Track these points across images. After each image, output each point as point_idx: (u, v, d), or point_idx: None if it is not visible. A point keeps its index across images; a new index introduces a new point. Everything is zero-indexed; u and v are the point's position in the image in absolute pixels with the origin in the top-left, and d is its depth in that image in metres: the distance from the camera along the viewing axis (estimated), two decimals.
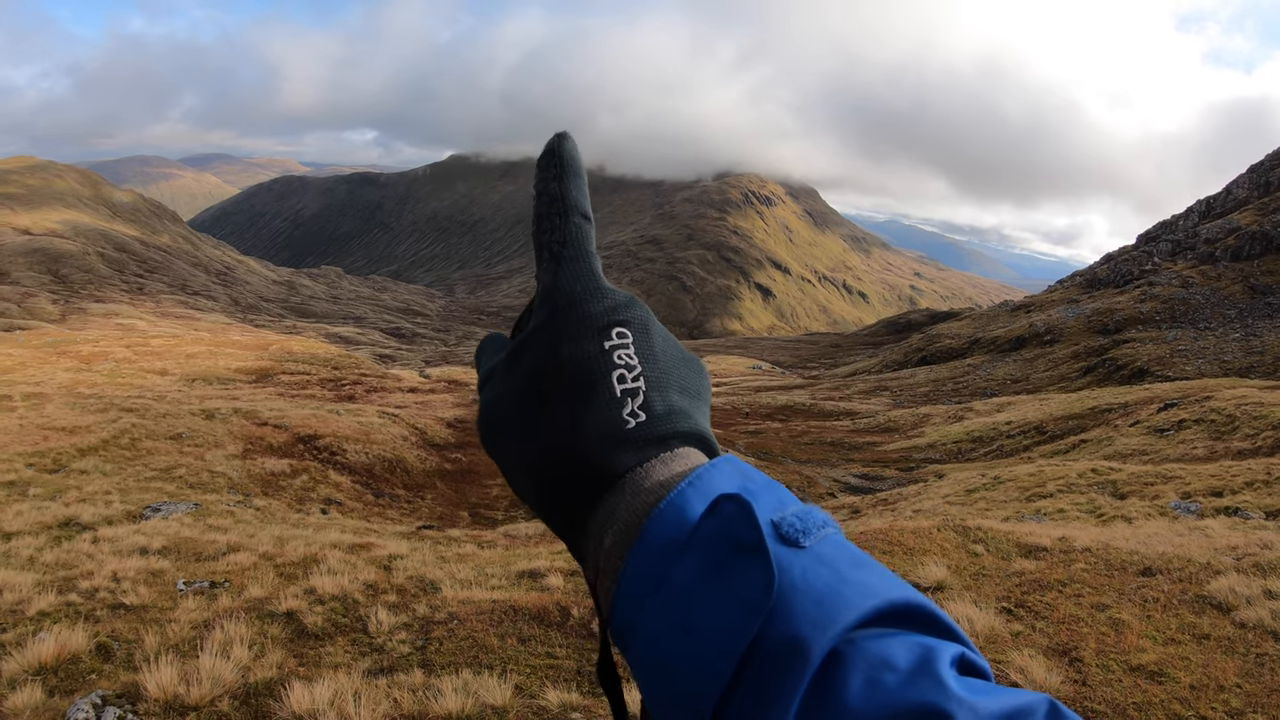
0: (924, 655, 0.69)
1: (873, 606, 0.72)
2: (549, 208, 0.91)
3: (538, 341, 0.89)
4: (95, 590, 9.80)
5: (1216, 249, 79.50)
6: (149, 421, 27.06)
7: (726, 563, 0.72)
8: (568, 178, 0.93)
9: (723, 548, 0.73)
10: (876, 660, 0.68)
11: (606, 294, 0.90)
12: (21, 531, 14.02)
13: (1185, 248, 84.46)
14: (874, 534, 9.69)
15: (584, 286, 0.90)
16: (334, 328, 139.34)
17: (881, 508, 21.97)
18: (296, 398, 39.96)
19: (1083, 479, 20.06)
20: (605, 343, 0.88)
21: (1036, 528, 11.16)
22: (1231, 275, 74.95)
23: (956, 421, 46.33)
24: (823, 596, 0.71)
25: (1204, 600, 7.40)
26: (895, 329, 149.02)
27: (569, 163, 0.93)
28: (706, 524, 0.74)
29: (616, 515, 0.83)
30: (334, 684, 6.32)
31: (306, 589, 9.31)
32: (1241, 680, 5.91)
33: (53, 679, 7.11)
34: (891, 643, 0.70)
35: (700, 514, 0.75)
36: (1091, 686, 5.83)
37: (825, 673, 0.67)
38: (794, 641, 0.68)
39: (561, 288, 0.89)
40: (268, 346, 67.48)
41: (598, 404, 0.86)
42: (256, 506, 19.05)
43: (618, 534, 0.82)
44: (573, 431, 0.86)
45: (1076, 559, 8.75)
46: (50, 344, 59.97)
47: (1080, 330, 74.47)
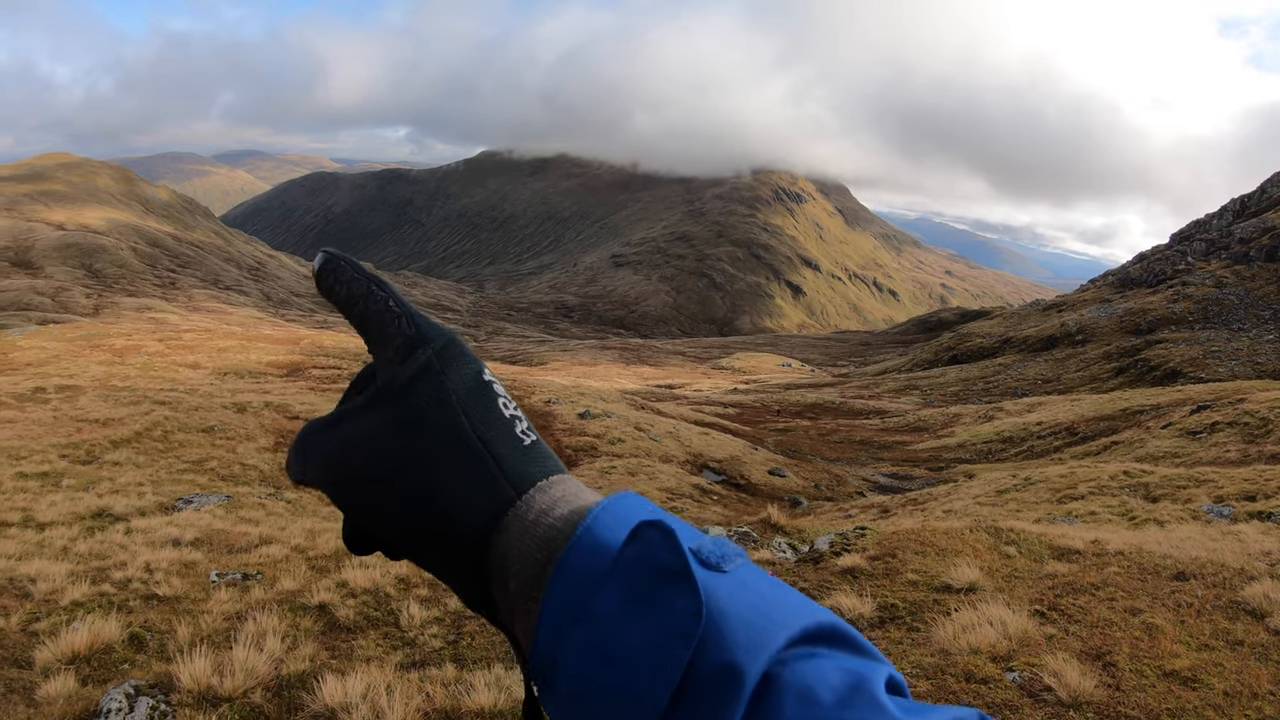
0: (857, 678, 0.69)
1: (801, 627, 0.72)
2: (365, 289, 0.88)
3: (420, 378, 0.86)
4: (128, 581, 9.89)
5: (1251, 249, 78.60)
6: (181, 414, 27.26)
7: (653, 590, 0.71)
8: (359, 267, 0.91)
9: (647, 575, 0.71)
10: (810, 683, 0.68)
11: (449, 336, 0.89)
12: (55, 522, 14.16)
13: (1219, 247, 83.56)
14: (905, 534, 9.65)
15: (444, 331, 0.89)
16: None
17: (911, 508, 21.87)
18: (328, 392, 40.13)
19: (1114, 481, 19.89)
20: (484, 374, 0.88)
21: (1069, 530, 11.08)
22: (1266, 275, 74.11)
23: (987, 421, 46.09)
24: (750, 620, 0.71)
25: (1238, 606, 7.32)
26: (926, 327, 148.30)
27: (351, 263, 0.92)
28: (629, 551, 0.73)
29: (510, 553, 0.81)
30: (366, 677, 6.35)
31: (338, 582, 9.37)
32: (1275, 688, 5.84)
33: (86, 668, 7.17)
34: (823, 665, 0.70)
35: (621, 542, 0.74)
36: (1125, 692, 5.78)
37: (760, 697, 0.67)
38: (727, 667, 0.67)
39: (429, 335, 0.87)
40: (299, 341, 67.86)
41: (496, 425, 0.85)
42: (288, 499, 19.16)
43: (522, 569, 0.79)
44: (468, 458, 0.84)
45: (1110, 562, 8.67)
46: (83, 337, 60.50)
47: (1112, 330, 73.85)
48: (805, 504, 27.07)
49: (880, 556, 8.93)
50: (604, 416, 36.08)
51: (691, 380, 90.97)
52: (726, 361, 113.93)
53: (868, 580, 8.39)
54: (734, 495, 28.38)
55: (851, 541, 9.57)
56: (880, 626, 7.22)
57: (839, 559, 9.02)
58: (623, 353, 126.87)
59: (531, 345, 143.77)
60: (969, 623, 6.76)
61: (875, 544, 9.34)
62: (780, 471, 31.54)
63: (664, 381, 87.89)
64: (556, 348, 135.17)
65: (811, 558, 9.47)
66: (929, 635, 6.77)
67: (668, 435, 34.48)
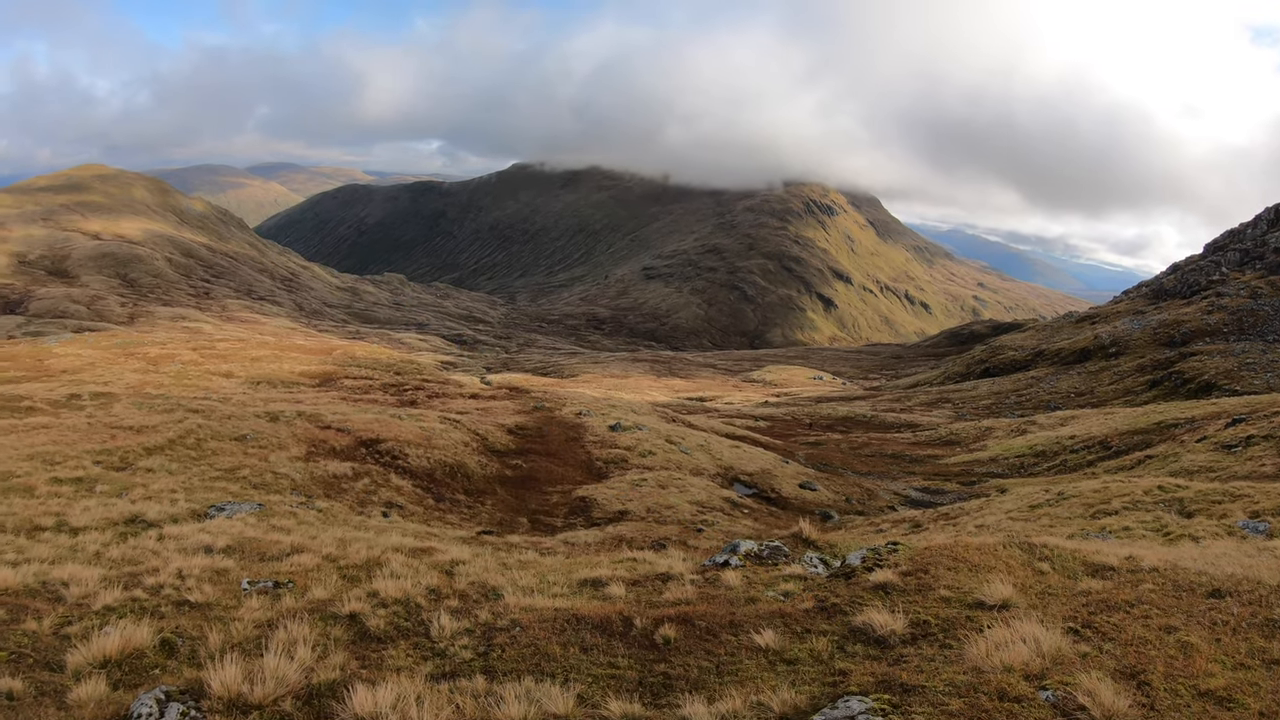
0: None
1: None
2: None
3: None
4: (160, 586, 9.95)
5: None
6: (214, 422, 27.47)
7: None
8: None
9: None
10: None
11: None
12: (88, 527, 14.28)
13: (1254, 257, 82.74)
14: (938, 550, 9.56)
15: None
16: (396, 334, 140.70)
17: (943, 522, 21.73)
18: (359, 402, 40.38)
19: (1149, 496, 19.69)
20: None
21: (1103, 546, 10.96)
22: None
23: (1019, 435, 45.78)
24: None
25: (1274, 624, 7.19)
26: (958, 340, 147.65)
27: None
28: None
29: None
30: (397, 687, 6.36)
31: (369, 592, 9.38)
32: None
33: (117, 673, 7.22)
34: None
35: None
36: (1160, 711, 5.70)
37: None
38: None
39: None
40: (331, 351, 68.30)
41: None
42: (319, 508, 19.24)
43: None
44: None
45: (1144, 579, 8.56)
46: (118, 345, 61.13)
47: (1146, 342, 73.18)
48: (836, 518, 26.97)
49: (912, 572, 8.86)
50: (635, 429, 36.08)
51: (722, 393, 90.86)
52: (758, 374, 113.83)
53: (900, 596, 8.33)
54: (765, 509, 28.30)
55: (884, 557, 9.51)
56: (912, 643, 7.16)
57: (871, 574, 8.96)
58: (654, 365, 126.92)
59: (562, 357, 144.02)
60: (1002, 640, 6.69)
61: (907, 559, 9.27)
62: (811, 485, 31.44)
63: (695, 394, 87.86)
64: (587, 360, 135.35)
65: (843, 573, 9.41)
66: (961, 652, 6.71)
67: (699, 448, 34.43)
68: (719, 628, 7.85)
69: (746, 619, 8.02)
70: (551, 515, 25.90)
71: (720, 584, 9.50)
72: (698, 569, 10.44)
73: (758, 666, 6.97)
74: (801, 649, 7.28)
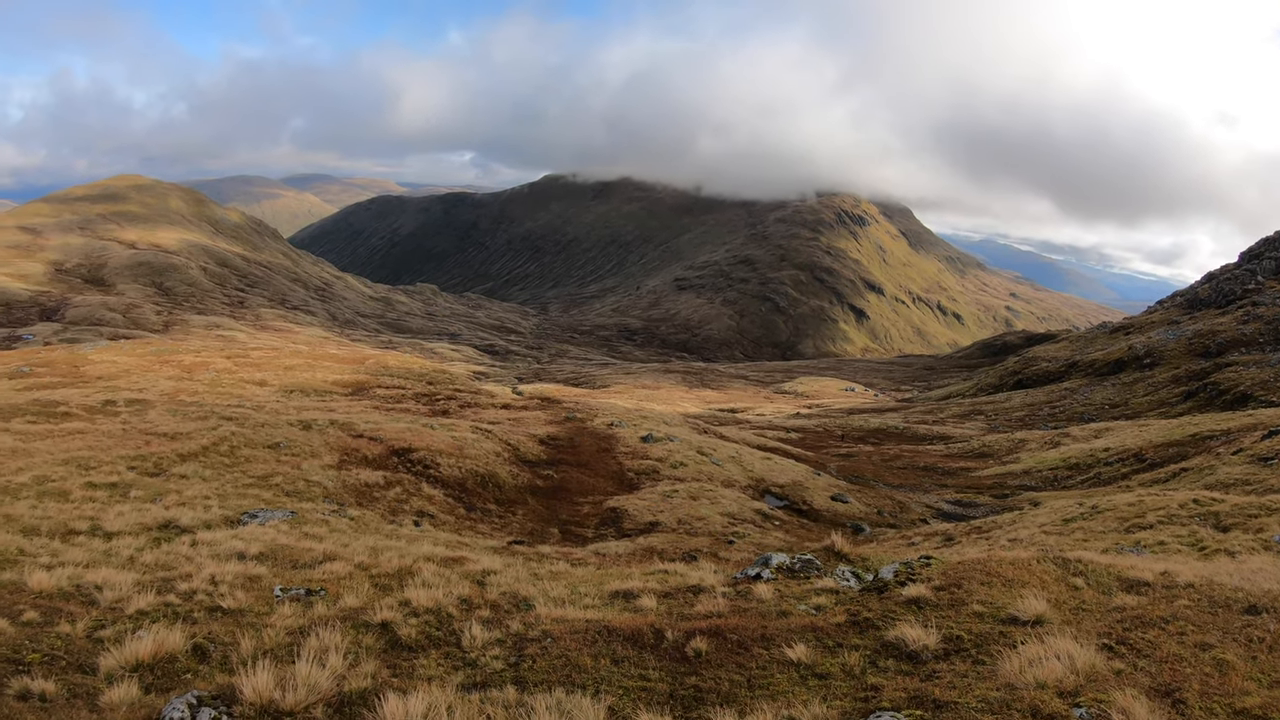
0: None
1: None
2: None
3: None
4: (193, 592, 10.02)
5: None
6: (248, 430, 27.64)
7: None
8: None
9: None
10: None
11: None
12: (122, 532, 14.39)
13: None
14: (970, 564, 9.49)
15: None
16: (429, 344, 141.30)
17: (976, 536, 21.57)
18: (391, 411, 40.50)
19: (1184, 510, 19.46)
20: None
21: (1137, 561, 10.84)
22: None
23: (1053, 447, 45.40)
24: None
25: None
26: (990, 351, 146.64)
27: None
28: None
29: None
30: (428, 696, 6.36)
31: (401, 600, 9.41)
32: None
33: (149, 676, 7.27)
34: None
35: None
36: None
37: None
38: None
39: None
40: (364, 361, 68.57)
41: None
42: (351, 516, 19.32)
43: None
44: None
45: (1179, 595, 8.47)
46: (153, 353, 61.62)
47: (1180, 353, 72.34)
48: (868, 531, 26.83)
49: (945, 587, 8.79)
50: (666, 440, 36.04)
51: (754, 404, 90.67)
52: (789, 386, 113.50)
53: (933, 611, 8.27)
54: (796, 521, 28.19)
55: (916, 571, 9.45)
56: (945, 659, 7.11)
57: (904, 589, 8.90)
58: (685, 376, 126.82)
59: (594, 368, 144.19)
60: (1035, 656, 6.63)
61: (940, 574, 9.20)
62: (843, 497, 31.28)
63: (726, 405, 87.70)
64: (619, 370, 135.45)
65: (875, 587, 9.36)
66: (995, 669, 6.65)
67: (730, 460, 34.35)
68: (750, 641, 7.82)
69: (778, 632, 7.99)
70: (582, 526, 25.90)
71: (752, 597, 9.47)
72: (729, 581, 10.40)
73: (789, 680, 6.93)
74: (833, 663, 7.24)
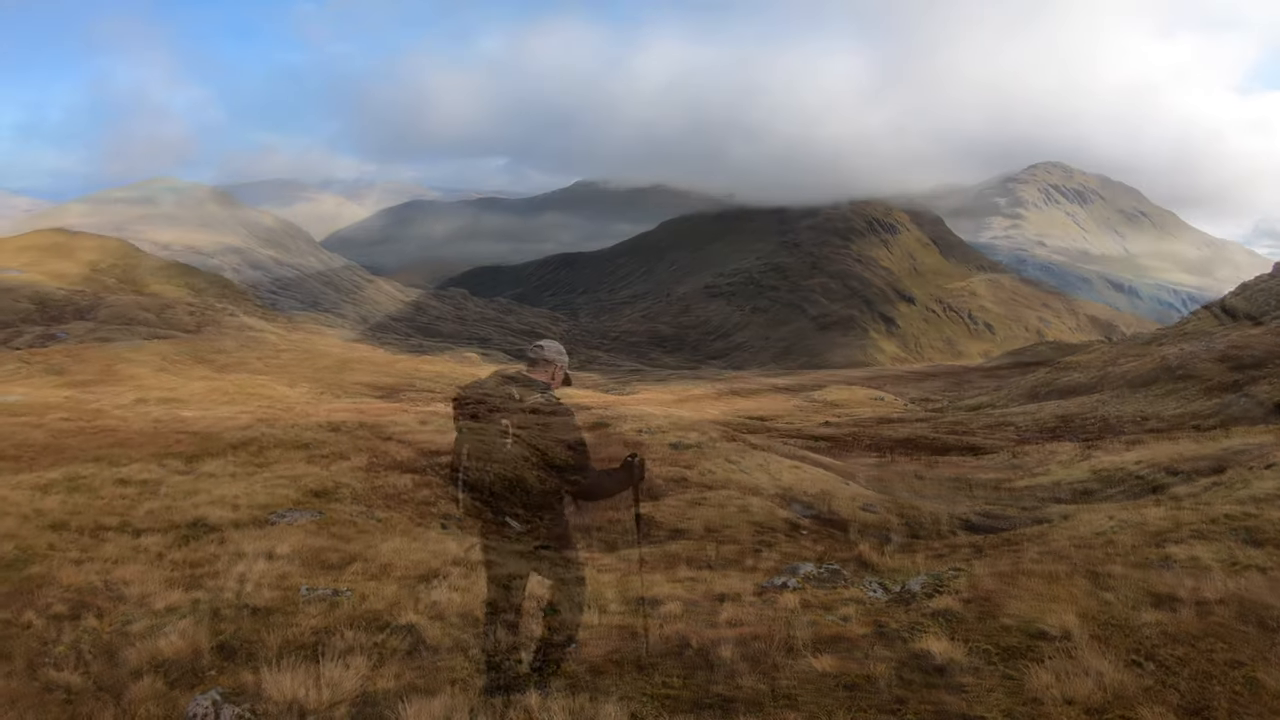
0: None
1: None
2: None
3: None
4: (220, 590, 10.06)
5: None
6: (277, 430, 27.81)
7: None
8: None
9: None
10: None
11: None
12: (151, 529, 14.48)
13: None
14: (999, 577, 9.43)
15: None
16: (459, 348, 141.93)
17: (1005, 548, 21.36)
18: (420, 415, 40.64)
19: (1215, 525, 19.20)
20: None
21: (1169, 576, 10.72)
22: None
23: (1083, 460, 44.99)
24: None
25: None
26: (1021, 362, 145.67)
27: None
28: None
29: None
30: (451, 700, 6.37)
31: (428, 603, 9.43)
32: None
33: (174, 672, 7.30)
34: None
35: None
36: None
37: None
38: None
39: None
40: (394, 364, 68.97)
41: None
42: (379, 518, 19.38)
43: None
44: None
45: (1211, 611, 8.37)
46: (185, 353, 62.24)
47: (1213, 365, 71.58)
48: (896, 541, 26.65)
49: (973, 599, 8.73)
50: (695, 447, 35.98)
51: (783, 412, 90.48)
52: (819, 394, 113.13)
53: (960, 623, 8.21)
54: (824, 530, 28.08)
55: (944, 582, 9.39)
56: (972, 672, 7.05)
57: (931, 600, 8.85)
58: (715, 383, 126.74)
59: (624, 374, 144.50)
60: (1063, 671, 6.57)
61: (968, 586, 9.14)
62: (871, 507, 31.14)
63: (755, 413, 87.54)
64: (649, 377, 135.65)
65: (903, 598, 9.30)
66: (1021, 683, 6.59)
67: (758, 468, 34.26)
68: (775, 650, 7.78)
69: (804, 642, 7.95)
70: (609, 532, 25.87)
71: (778, 606, 9.43)
72: (756, 590, 10.37)
73: (815, 691, 6.89)
74: (859, 674, 7.19)
